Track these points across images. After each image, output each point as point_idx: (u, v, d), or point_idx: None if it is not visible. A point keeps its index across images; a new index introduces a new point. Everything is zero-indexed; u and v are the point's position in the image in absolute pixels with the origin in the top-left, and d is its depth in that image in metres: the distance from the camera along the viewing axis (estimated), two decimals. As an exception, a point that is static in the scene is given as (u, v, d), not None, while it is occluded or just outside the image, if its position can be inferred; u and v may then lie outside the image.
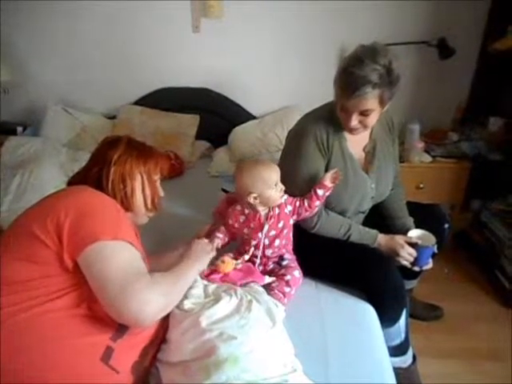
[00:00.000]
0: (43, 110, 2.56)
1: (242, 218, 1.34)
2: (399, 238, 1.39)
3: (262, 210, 1.31)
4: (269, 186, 1.27)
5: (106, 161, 1.10)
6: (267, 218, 1.31)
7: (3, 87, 2.58)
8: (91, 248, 0.87)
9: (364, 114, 1.25)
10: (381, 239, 1.39)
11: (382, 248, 1.39)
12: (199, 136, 2.58)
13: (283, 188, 1.30)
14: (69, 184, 1.14)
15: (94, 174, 1.09)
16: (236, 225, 1.36)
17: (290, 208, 1.33)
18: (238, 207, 1.36)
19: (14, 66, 2.55)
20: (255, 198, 1.28)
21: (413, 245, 1.38)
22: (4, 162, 2.24)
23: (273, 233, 1.31)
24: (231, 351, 0.91)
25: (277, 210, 1.31)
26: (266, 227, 1.30)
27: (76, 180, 1.12)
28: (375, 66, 1.17)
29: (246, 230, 1.34)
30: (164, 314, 0.95)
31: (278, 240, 1.32)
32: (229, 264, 1.24)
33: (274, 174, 1.28)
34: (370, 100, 1.21)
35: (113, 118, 2.59)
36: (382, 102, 1.24)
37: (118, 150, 1.12)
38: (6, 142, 2.36)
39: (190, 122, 2.57)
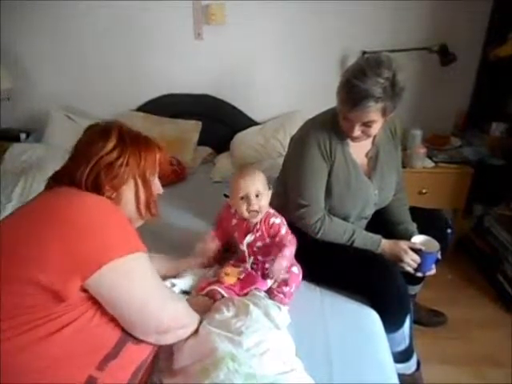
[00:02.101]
0: (46, 116, 2.58)
1: (233, 222, 1.34)
2: (403, 244, 1.38)
3: (250, 218, 1.27)
4: (236, 195, 1.25)
5: (91, 158, 0.92)
6: (254, 228, 1.29)
7: (6, 94, 2.60)
8: (107, 268, 0.79)
9: (366, 124, 1.26)
10: (384, 244, 1.39)
11: (385, 253, 1.39)
12: (201, 142, 2.59)
13: (260, 209, 1.24)
14: (53, 179, 0.97)
15: (79, 171, 0.91)
16: (228, 227, 1.36)
17: (272, 232, 1.28)
18: (233, 210, 1.34)
19: (17, 73, 2.57)
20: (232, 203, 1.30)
21: (416, 251, 1.38)
22: (7, 169, 2.25)
23: (259, 244, 1.30)
24: (229, 350, 0.92)
25: (263, 226, 1.28)
26: (250, 237, 1.28)
27: (59, 177, 0.96)
28: (378, 79, 1.18)
29: (235, 234, 1.34)
30: (180, 332, 0.97)
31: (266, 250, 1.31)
32: (233, 276, 1.24)
33: (244, 186, 1.23)
34: (373, 113, 1.22)
35: (115, 124, 2.60)
36: (384, 114, 1.25)
37: (107, 145, 0.94)
38: (10, 149, 2.37)
39: (192, 128, 2.58)
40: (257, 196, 1.24)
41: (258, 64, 2.52)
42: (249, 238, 1.28)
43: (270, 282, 1.28)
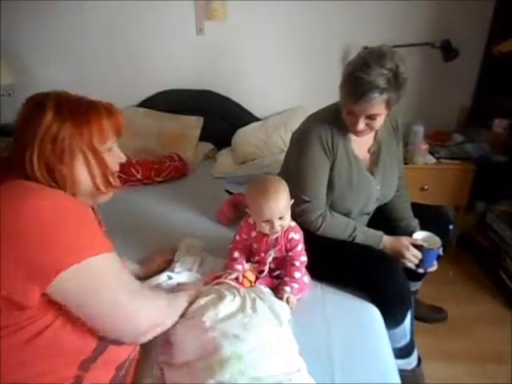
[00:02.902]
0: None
1: (253, 234, 1.30)
2: (404, 240, 1.38)
3: (271, 235, 1.25)
4: (258, 218, 1.22)
5: (33, 139, 0.82)
6: (275, 244, 1.27)
7: (6, 90, 2.59)
8: (67, 274, 0.72)
9: (371, 117, 1.25)
10: (386, 240, 1.39)
11: (387, 249, 1.38)
12: (202, 138, 2.59)
13: (282, 228, 1.23)
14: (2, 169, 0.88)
15: (27, 158, 0.82)
16: (246, 237, 1.32)
17: (289, 246, 1.28)
18: (251, 220, 1.29)
19: (17, 69, 2.56)
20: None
21: (418, 247, 1.37)
22: (8, 164, 2.24)
23: (276, 255, 1.29)
24: (234, 349, 0.91)
25: (283, 240, 1.27)
26: (271, 253, 1.28)
27: (8, 166, 0.86)
28: (382, 70, 1.17)
29: (254, 245, 1.31)
30: (158, 330, 0.93)
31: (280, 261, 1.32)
32: (252, 282, 1.25)
33: (268, 212, 1.18)
34: (377, 105, 1.21)
35: (117, 119, 2.60)
36: (388, 106, 1.24)
37: (44, 119, 0.84)
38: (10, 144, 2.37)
39: (193, 124, 2.57)
40: (280, 218, 1.20)
41: (259, 60, 2.51)
42: (271, 256, 1.28)
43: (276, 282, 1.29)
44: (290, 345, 1.03)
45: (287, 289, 1.23)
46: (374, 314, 1.29)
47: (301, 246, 1.28)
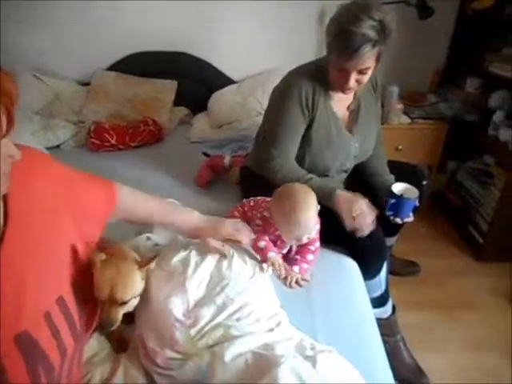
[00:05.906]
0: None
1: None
2: (362, 199, 1.30)
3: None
4: (288, 235, 1.18)
5: None
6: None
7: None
8: None
9: (362, 72, 1.25)
10: (341, 192, 1.32)
11: (339, 200, 1.30)
12: (177, 102, 2.52)
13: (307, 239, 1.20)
14: None
15: None
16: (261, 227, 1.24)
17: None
18: (272, 221, 1.20)
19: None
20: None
21: (396, 197, 1.40)
22: (-27, 132, 2.14)
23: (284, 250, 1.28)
24: (215, 317, 0.94)
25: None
26: (280, 251, 1.25)
27: None
28: (371, 22, 1.15)
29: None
30: None
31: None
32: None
33: (298, 234, 1.16)
34: (369, 58, 1.21)
35: (87, 84, 2.49)
36: (378, 59, 1.25)
37: None
38: (-26, 111, 2.25)
39: (167, 88, 2.50)
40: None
41: (235, 21, 2.43)
42: (278, 255, 1.22)
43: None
44: (270, 300, 1.05)
45: (295, 269, 1.21)
46: (351, 266, 1.34)
47: (316, 235, 1.25)
